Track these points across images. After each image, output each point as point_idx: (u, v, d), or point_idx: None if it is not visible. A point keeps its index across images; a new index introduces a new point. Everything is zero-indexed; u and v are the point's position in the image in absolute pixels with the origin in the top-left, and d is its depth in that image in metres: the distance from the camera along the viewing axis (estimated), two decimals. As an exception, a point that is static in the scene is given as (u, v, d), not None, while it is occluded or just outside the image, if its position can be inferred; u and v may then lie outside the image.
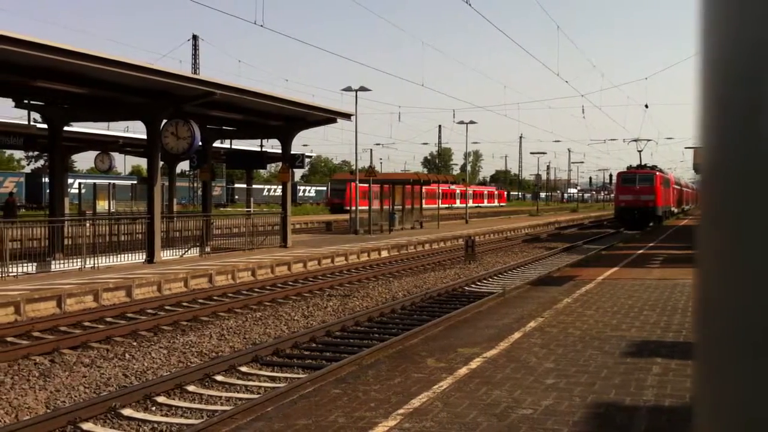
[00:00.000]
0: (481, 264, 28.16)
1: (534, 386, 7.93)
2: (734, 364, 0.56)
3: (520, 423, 6.64)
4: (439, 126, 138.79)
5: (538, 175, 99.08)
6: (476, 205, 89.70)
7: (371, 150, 72.37)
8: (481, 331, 11.62)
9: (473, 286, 21.37)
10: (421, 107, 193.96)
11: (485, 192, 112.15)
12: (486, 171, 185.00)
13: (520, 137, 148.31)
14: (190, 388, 10.22)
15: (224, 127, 29.75)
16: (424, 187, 46.00)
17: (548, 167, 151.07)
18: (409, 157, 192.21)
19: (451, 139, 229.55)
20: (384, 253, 30.09)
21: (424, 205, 47.58)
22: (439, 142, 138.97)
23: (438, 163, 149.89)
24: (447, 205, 63.12)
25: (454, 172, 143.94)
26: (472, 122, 57.73)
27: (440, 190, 67.47)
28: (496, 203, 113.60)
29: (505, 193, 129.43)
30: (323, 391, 8.14)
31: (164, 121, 22.28)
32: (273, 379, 11.05)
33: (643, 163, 51.80)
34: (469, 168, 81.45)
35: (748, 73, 0.55)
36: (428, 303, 18.06)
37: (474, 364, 9.13)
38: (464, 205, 57.26)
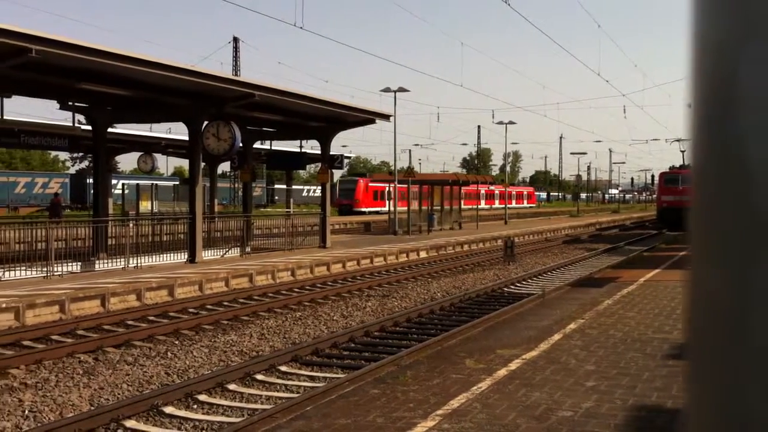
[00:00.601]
0: (521, 265, 27.99)
1: (574, 388, 7.87)
2: (725, 365, 0.56)
3: (560, 425, 6.59)
4: (478, 126, 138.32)
5: (578, 176, 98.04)
6: (502, 206, 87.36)
7: (410, 150, 72.51)
8: (521, 333, 11.56)
9: (512, 287, 21.25)
10: (460, 108, 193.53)
11: (513, 192, 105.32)
12: (525, 171, 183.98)
13: (560, 137, 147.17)
14: (231, 386, 10.32)
15: (264, 129, 29.99)
16: (445, 187, 45.68)
17: (589, 167, 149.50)
18: (448, 157, 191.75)
19: (491, 140, 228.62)
20: (423, 254, 30.07)
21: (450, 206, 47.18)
22: (478, 143, 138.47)
23: (477, 163, 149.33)
24: (469, 207, 61.02)
25: (494, 173, 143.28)
26: (511, 122, 57.27)
27: (463, 191, 66.12)
28: (525, 204, 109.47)
29: (536, 193, 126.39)
30: (362, 391, 8.16)
31: (205, 122, 22.54)
32: (312, 378, 11.10)
33: (686, 163, 50.95)
34: (508, 168, 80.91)
35: (720, 73, 0.57)
36: (467, 304, 18.00)
37: (513, 365, 9.09)
38: (490, 206, 56.54)
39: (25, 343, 12.85)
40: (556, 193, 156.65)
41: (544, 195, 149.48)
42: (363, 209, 67.58)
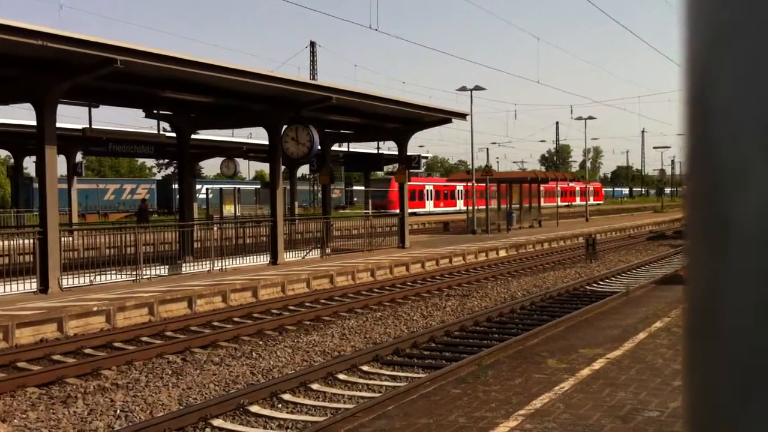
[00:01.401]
0: (603, 263, 27.47)
1: (661, 388, 7.70)
2: (725, 370, 0.57)
3: (647, 425, 6.46)
4: (557, 123, 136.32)
5: (662, 170, 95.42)
6: (566, 204, 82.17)
7: (487, 149, 71.91)
8: (604, 332, 11.36)
9: (595, 285, 20.89)
10: (537, 104, 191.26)
11: (577, 189, 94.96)
12: (607, 167, 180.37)
13: (642, 131, 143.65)
14: (314, 386, 10.47)
15: (342, 131, 30.27)
16: (524, 185, 44.86)
17: (673, 161, 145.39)
18: (526, 155, 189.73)
19: (570, 136, 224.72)
20: (502, 253, 29.83)
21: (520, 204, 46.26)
22: (557, 139, 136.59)
23: (556, 160, 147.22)
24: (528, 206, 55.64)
25: (573, 169, 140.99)
26: (590, 118, 56.28)
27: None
28: (591, 200, 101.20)
29: (618, 189, 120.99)
30: (443, 391, 8.18)
31: (284, 126, 22.90)
32: (393, 378, 11.16)
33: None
34: (588, 165, 79.29)
35: (699, 77, 0.60)
36: (548, 303, 17.79)
37: (597, 365, 8.94)
38: (551, 204, 53.86)
39: (116, 345, 13.31)
40: (639, 189, 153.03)
41: (626, 191, 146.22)
42: (397, 211, 63.11)
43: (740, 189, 0.57)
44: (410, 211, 68.17)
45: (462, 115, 30.21)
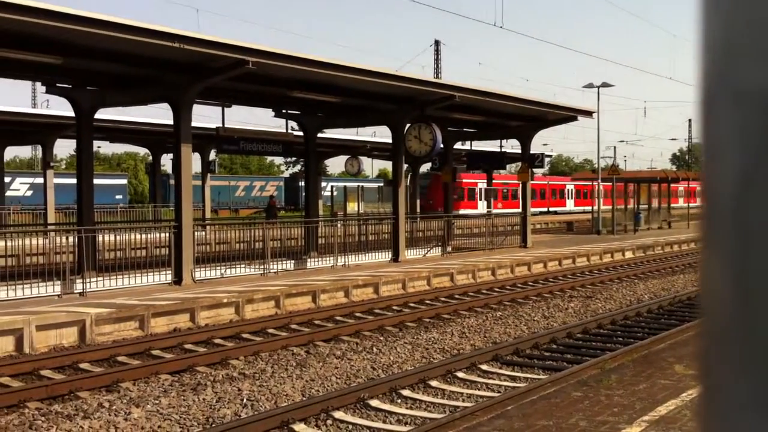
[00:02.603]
0: (738, 267, 26.21)
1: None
2: (737, 371, 0.58)
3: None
4: (689, 120, 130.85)
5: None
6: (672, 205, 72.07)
7: (615, 147, 69.85)
8: (736, 339, 10.87)
9: (728, 290, 19.97)
10: (669, 101, 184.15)
11: (680, 188, 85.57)
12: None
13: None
14: (433, 383, 10.53)
15: (464, 129, 30.21)
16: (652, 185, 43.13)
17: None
18: (656, 153, 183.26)
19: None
20: (628, 254, 28.99)
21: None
22: (689, 137, 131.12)
23: (688, 159, 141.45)
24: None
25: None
26: (726, 114, 53.60)
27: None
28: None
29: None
30: (564, 393, 8.07)
31: (407, 125, 23.08)
32: (513, 378, 11.09)
33: None
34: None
35: (711, 72, 0.62)
36: (677, 307, 17.17)
37: (727, 373, 8.59)
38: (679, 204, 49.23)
39: (244, 336, 13.83)
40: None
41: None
42: (461, 212, 52.09)
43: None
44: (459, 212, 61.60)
45: (588, 113, 29.53)
